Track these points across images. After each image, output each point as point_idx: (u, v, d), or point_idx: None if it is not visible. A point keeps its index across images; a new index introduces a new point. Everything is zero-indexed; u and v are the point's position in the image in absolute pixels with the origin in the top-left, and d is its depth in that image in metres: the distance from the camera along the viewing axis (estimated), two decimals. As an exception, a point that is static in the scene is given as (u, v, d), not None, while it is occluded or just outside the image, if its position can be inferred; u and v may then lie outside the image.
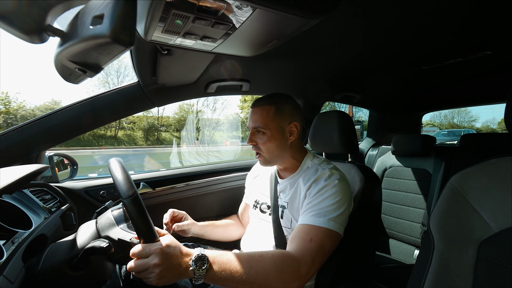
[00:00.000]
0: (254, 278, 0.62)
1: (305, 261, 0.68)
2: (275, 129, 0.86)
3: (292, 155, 0.92)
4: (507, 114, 0.54)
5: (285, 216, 0.88)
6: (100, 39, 0.31)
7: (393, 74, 1.40)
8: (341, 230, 0.75)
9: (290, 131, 0.88)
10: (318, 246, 0.71)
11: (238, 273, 0.60)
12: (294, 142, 0.91)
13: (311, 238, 0.71)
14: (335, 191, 0.78)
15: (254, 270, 0.62)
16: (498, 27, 0.86)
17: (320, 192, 0.79)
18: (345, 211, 0.77)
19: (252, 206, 1.03)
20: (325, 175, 0.82)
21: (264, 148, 0.87)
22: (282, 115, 0.87)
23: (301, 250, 0.70)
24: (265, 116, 0.86)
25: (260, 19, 0.58)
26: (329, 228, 0.73)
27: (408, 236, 1.57)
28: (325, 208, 0.75)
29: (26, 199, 0.84)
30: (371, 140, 2.19)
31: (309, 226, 0.74)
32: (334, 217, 0.74)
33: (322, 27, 0.82)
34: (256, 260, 0.64)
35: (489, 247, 0.44)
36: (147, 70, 0.93)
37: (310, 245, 0.70)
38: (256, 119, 0.87)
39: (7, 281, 0.52)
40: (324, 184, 0.79)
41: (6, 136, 0.91)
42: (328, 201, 0.76)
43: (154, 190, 1.29)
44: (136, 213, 0.56)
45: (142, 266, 0.55)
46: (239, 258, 0.63)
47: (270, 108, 0.87)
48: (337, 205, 0.76)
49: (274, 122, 0.86)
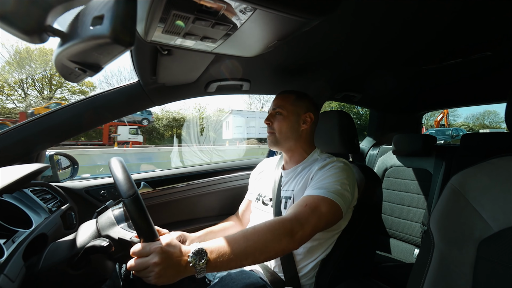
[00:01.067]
0: (254, 248, 0.62)
1: (296, 219, 0.69)
2: (292, 112, 0.95)
3: (301, 144, 0.97)
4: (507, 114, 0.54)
5: (288, 206, 0.89)
6: (100, 39, 0.31)
7: (393, 73, 1.40)
8: (340, 203, 0.75)
9: (305, 119, 0.97)
10: (312, 208, 0.72)
11: (237, 250, 0.61)
12: (306, 132, 0.97)
13: (306, 204, 0.73)
14: (338, 171, 0.82)
15: (252, 241, 0.63)
16: (498, 28, 0.85)
17: (324, 171, 0.83)
18: (346, 191, 0.79)
19: (255, 199, 1.05)
20: (333, 161, 0.87)
21: (278, 127, 0.95)
22: (300, 104, 0.97)
23: (294, 212, 0.72)
24: (286, 100, 0.97)
25: (260, 20, 0.58)
26: (326, 197, 0.74)
27: (408, 236, 1.58)
28: (327, 184, 0.78)
29: (26, 199, 0.84)
30: (371, 139, 2.19)
31: (307, 196, 0.77)
32: (334, 190, 0.76)
33: (323, 27, 0.82)
34: (250, 233, 0.65)
35: (489, 247, 0.44)
36: (147, 70, 0.94)
37: (304, 208, 0.73)
38: (277, 103, 0.98)
39: (7, 279, 0.52)
40: (330, 166, 0.85)
41: (7, 135, 0.91)
42: (331, 178, 0.80)
43: (155, 189, 1.30)
44: (136, 213, 0.57)
45: (142, 265, 0.55)
46: (234, 238, 0.63)
47: (291, 96, 0.98)
48: (339, 182, 0.78)
49: (292, 106, 0.96)
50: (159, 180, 1.34)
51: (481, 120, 32.94)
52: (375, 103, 1.99)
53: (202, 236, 0.98)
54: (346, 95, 1.65)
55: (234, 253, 0.60)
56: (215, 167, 1.55)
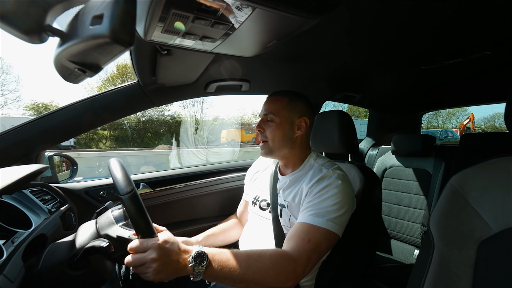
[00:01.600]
0: (252, 277, 0.62)
1: (301, 261, 0.69)
2: (285, 118, 0.88)
3: (296, 151, 0.92)
4: (507, 114, 0.54)
5: (284, 214, 0.88)
6: (99, 39, 0.31)
7: (393, 74, 1.40)
8: (339, 231, 0.75)
9: (299, 125, 0.90)
10: (315, 247, 0.71)
11: (236, 271, 0.61)
12: (301, 138, 0.91)
13: (309, 239, 0.72)
14: (337, 192, 0.77)
15: (252, 269, 0.63)
16: (498, 27, 0.85)
17: (322, 191, 0.79)
18: (345, 213, 0.77)
19: (251, 203, 1.02)
20: (329, 175, 0.82)
21: (271, 136, 0.88)
22: (294, 108, 0.89)
23: (298, 250, 0.70)
24: (278, 104, 0.89)
25: (260, 19, 0.58)
26: (327, 229, 0.73)
27: (408, 236, 1.57)
28: (325, 208, 0.75)
29: (26, 200, 0.84)
30: (371, 139, 2.19)
31: (308, 225, 0.74)
32: (333, 218, 0.74)
33: (322, 27, 0.82)
34: (254, 259, 0.65)
35: (489, 247, 0.44)
36: (146, 70, 0.93)
37: (307, 245, 0.71)
38: (268, 107, 0.90)
39: (7, 280, 0.52)
40: (327, 184, 0.80)
41: (6, 136, 0.90)
42: (329, 202, 0.76)
43: (154, 190, 1.29)
44: (134, 209, 0.56)
45: (140, 261, 0.55)
46: (237, 257, 0.63)
47: (284, 99, 0.90)
48: (338, 206, 0.76)
49: (285, 112, 0.88)
50: (158, 181, 1.34)
51: (492, 122, 33.21)
52: (375, 104, 1.99)
53: (203, 240, 0.97)
54: (345, 95, 1.65)
55: (232, 273, 0.61)
56: (215, 168, 1.54)
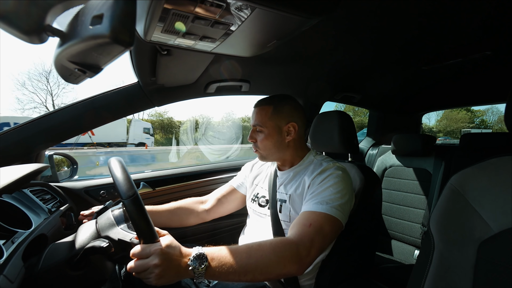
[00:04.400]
0: (255, 266, 0.62)
1: (303, 243, 0.68)
2: (272, 127, 0.90)
3: (292, 152, 0.94)
4: (507, 114, 0.54)
5: (283, 210, 0.89)
6: (99, 39, 0.31)
7: (393, 74, 1.40)
8: (341, 218, 0.75)
9: (288, 131, 0.91)
10: (317, 229, 0.71)
11: (238, 264, 0.60)
12: (293, 141, 0.93)
13: (310, 223, 0.72)
14: (338, 181, 0.80)
15: (254, 259, 0.62)
16: (498, 27, 0.85)
17: (324, 181, 0.81)
18: (347, 202, 0.78)
19: (250, 200, 1.03)
20: (330, 167, 0.85)
21: (262, 146, 0.92)
22: (280, 115, 0.90)
23: (300, 234, 0.70)
24: (264, 115, 0.90)
25: (260, 19, 0.58)
26: (329, 214, 0.73)
27: (408, 237, 1.57)
28: (327, 197, 0.77)
29: (26, 199, 0.84)
30: (371, 139, 2.19)
31: (310, 212, 0.75)
32: (336, 205, 0.75)
33: (322, 27, 0.82)
34: (255, 249, 0.64)
35: (489, 248, 0.44)
36: (146, 71, 0.93)
37: (308, 229, 0.71)
38: (255, 118, 0.93)
39: (7, 280, 0.52)
40: (328, 174, 0.82)
41: (6, 135, 0.91)
42: (331, 190, 0.78)
43: (154, 190, 1.29)
44: (136, 214, 0.56)
45: (142, 267, 0.55)
46: (237, 250, 0.63)
47: (269, 108, 0.91)
48: (340, 194, 0.77)
49: (271, 121, 0.90)
50: (158, 181, 1.34)
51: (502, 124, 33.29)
52: (375, 104, 1.99)
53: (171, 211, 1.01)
54: (345, 95, 1.65)
55: (234, 267, 0.60)
56: (214, 167, 1.55)
